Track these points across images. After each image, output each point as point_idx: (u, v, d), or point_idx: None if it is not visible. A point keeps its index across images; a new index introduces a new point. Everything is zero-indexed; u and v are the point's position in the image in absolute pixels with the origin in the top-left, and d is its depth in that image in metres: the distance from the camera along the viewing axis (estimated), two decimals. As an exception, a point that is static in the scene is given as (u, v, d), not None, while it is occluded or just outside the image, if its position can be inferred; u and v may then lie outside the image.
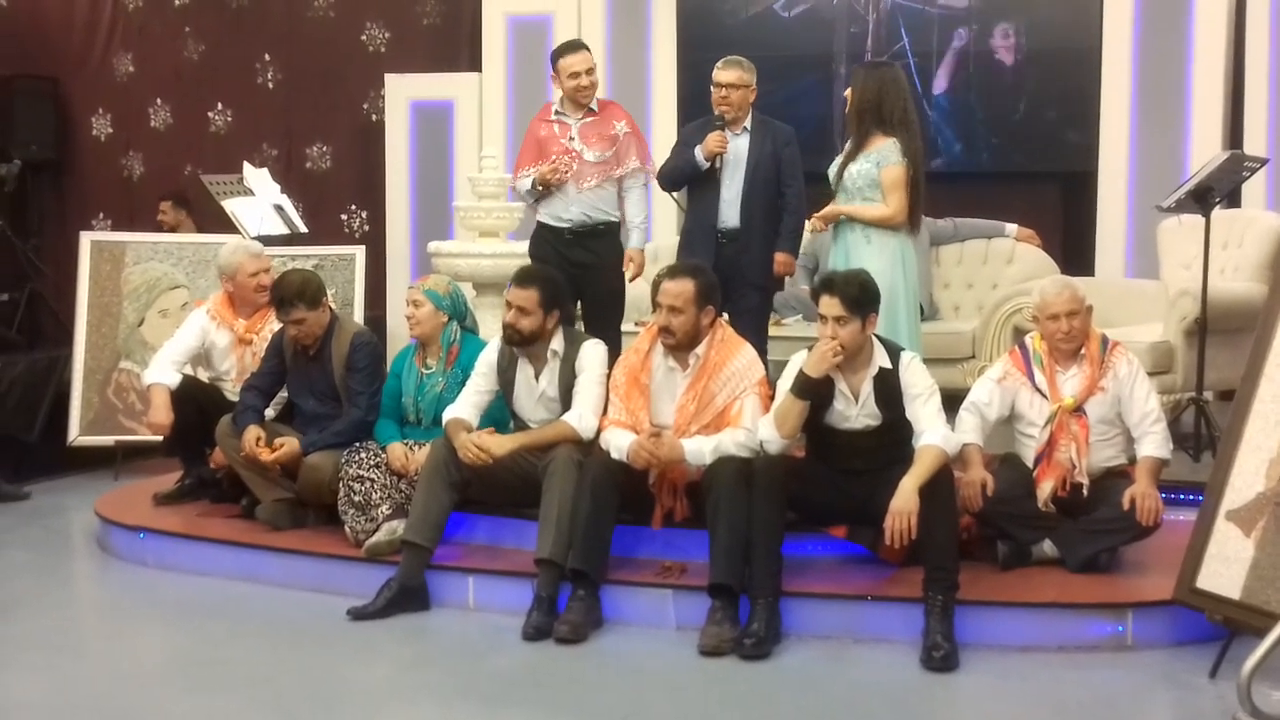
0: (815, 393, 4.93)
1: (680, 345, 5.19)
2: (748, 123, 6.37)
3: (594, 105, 6.45)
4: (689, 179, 6.42)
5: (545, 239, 6.44)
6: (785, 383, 5.04)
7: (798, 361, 5.06)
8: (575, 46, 6.54)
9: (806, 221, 6.43)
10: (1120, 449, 5.26)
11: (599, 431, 5.27)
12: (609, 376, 5.36)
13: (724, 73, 6.35)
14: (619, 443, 5.10)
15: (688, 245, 6.39)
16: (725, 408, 5.16)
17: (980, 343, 7.81)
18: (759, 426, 5.03)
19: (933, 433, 4.87)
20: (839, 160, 6.02)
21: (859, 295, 4.93)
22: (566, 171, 6.31)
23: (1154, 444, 5.13)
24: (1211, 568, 4.47)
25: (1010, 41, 8.95)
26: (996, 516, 5.14)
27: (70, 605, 5.78)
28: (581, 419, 5.29)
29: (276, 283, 6.01)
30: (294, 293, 5.83)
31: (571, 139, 6.37)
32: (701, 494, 5.03)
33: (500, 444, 5.25)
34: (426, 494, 5.26)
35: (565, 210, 6.38)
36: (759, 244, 6.29)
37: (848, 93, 6.04)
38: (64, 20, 11.33)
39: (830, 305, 4.92)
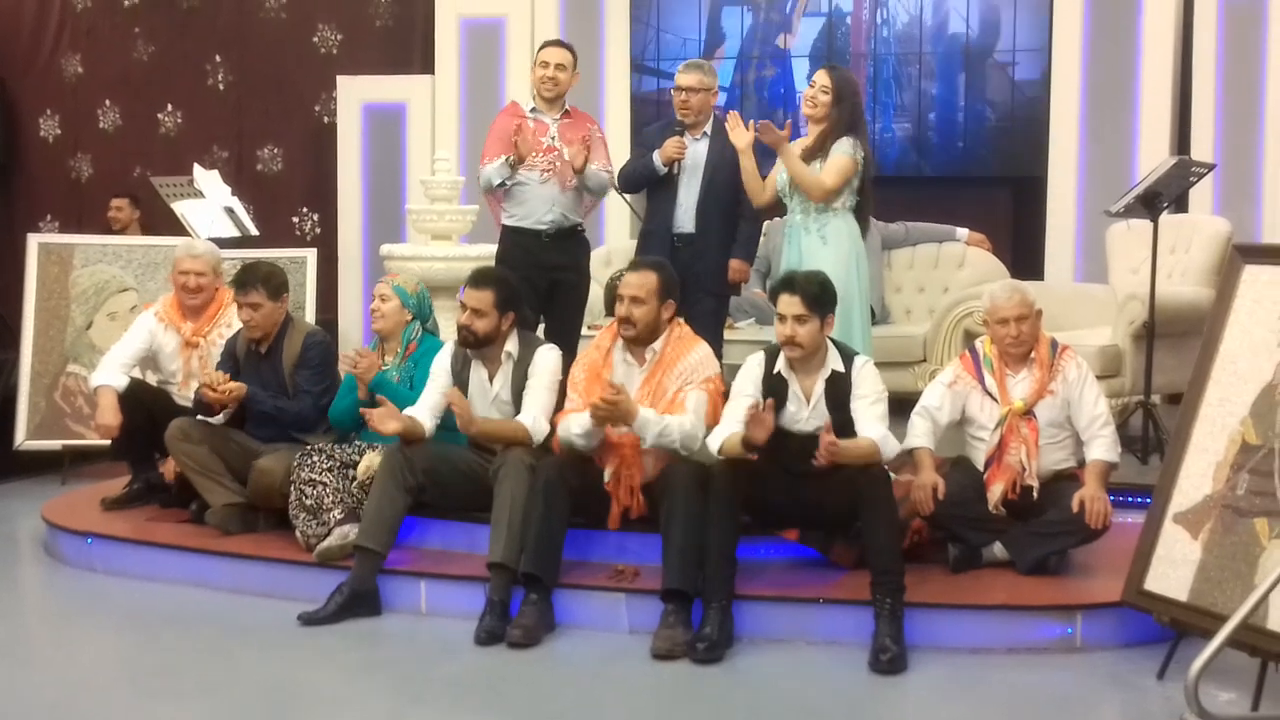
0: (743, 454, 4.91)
1: (639, 338, 5.22)
2: (708, 128, 6.40)
3: (567, 108, 6.48)
4: (647, 182, 6.44)
5: (518, 244, 6.40)
6: (741, 384, 5.08)
7: (754, 363, 5.11)
8: (557, 43, 6.61)
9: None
10: (1070, 452, 5.30)
11: (551, 433, 5.28)
12: (563, 382, 5.37)
13: (684, 76, 6.38)
14: (578, 418, 5.11)
15: (644, 249, 6.41)
16: (674, 399, 5.18)
17: (931, 346, 7.85)
18: (710, 435, 5.04)
19: (871, 430, 4.91)
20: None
21: (819, 294, 4.98)
22: (536, 149, 6.29)
23: (1103, 448, 5.17)
24: (1159, 570, 4.51)
25: (961, 46, 9.02)
26: (947, 519, 5.17)
27: (17, 612, 5.71)
28: (534, 422, 5.28)
29: (245, 266, 6.00)
30: (259, 276, 5.84)
31: (553, 138, 6.39)
32: (656, 497, 5.03)
33: (469, 413, 5.22)
34: (380, 498, 5.23)
35: (547, 212, 6.39)
36: (715, 249, 6.31)
37: (812, 92, 5.90)
38: (11, 21, 11.21)
39: (790, 304, 4.95)
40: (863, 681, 4.56)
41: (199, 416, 5.90)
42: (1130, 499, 5.83)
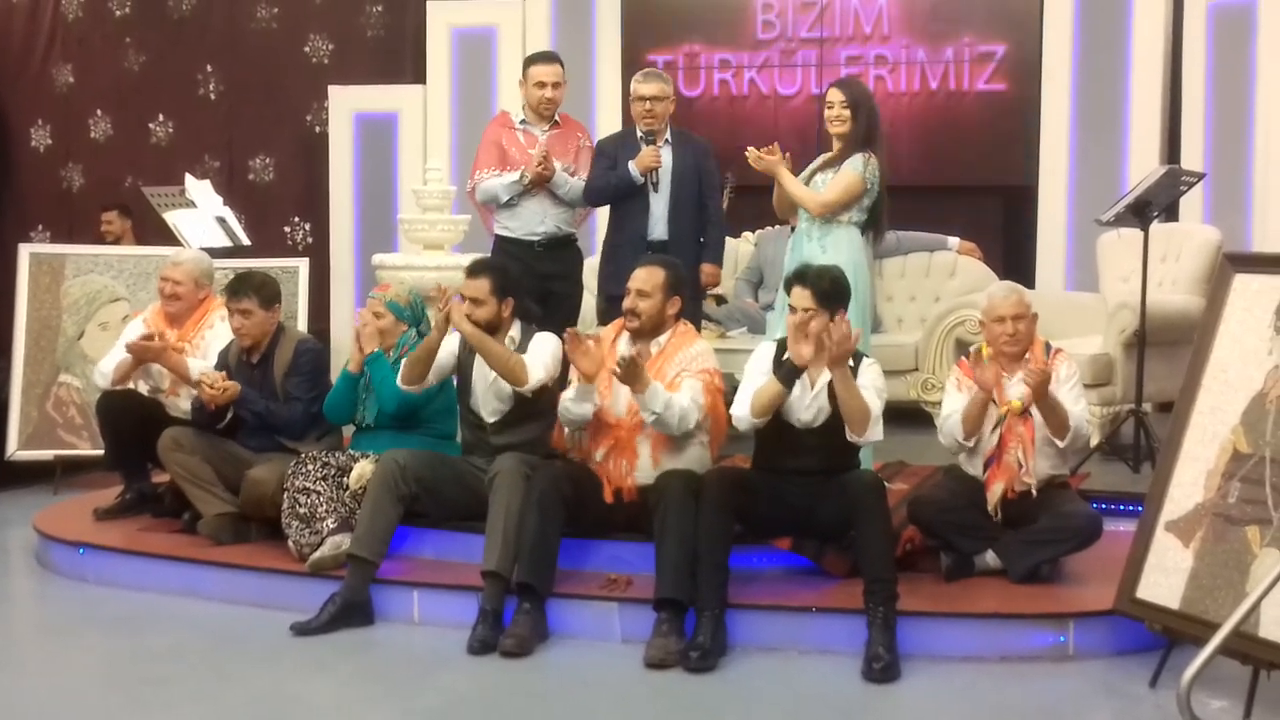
0: (796, 380, 4.98)
1: (643, 330, 5.28)
2: (668, 135, 6.43)
3: (556, 118, 6.51)
4: (624, 194, 6.42)
5: (511, 254, 6.42)
6: (754, 366, 5.14)
7: (764, 350, 5.18)
8: (548, 57, 6.61)
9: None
10: (1063, 459, 5.31)
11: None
12: (563, 373, 5.43)
13: (646, 85, 6.39)
14: (573, 388, 5.17)
15: (613, 259, 6.39)
16: (674, 384, 5.20)
17: (923, 355, 7.86)
18: (734, 407, 5.09)
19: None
20: (811, 168, 5.98)
21: (829, 290, 5.02)
22: (549, 167, 6.34)
23: (1074, 414, 5.16)
24: (1151, 578, 4.52)
25: (952, 55, 9.04)
26: (940, 526, 5.18)
27: (9, 622, 5.70)
28: (533, 369, 5.32)
29: (239, 275, 6.03)
30: (252, 285, 5.86)
31: (540, 151, 6.40)
32: (649, 507, 5.03)
33: (467, 325, 5.29)
34: (373, 507, 5.23)
35: (541, 223, 6.44)
36: (689, 256, 6.33)
37: (833, 111, 5.87)
38: (2, 31, 11.20)
39: (801, 297, 5.00)
40: (855, 690, 4.57)
41: (198, 424, 5.91)
42: (1122, 507, 5.86)
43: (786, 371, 4.95)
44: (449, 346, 5.52)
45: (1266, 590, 3.86)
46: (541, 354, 5.42)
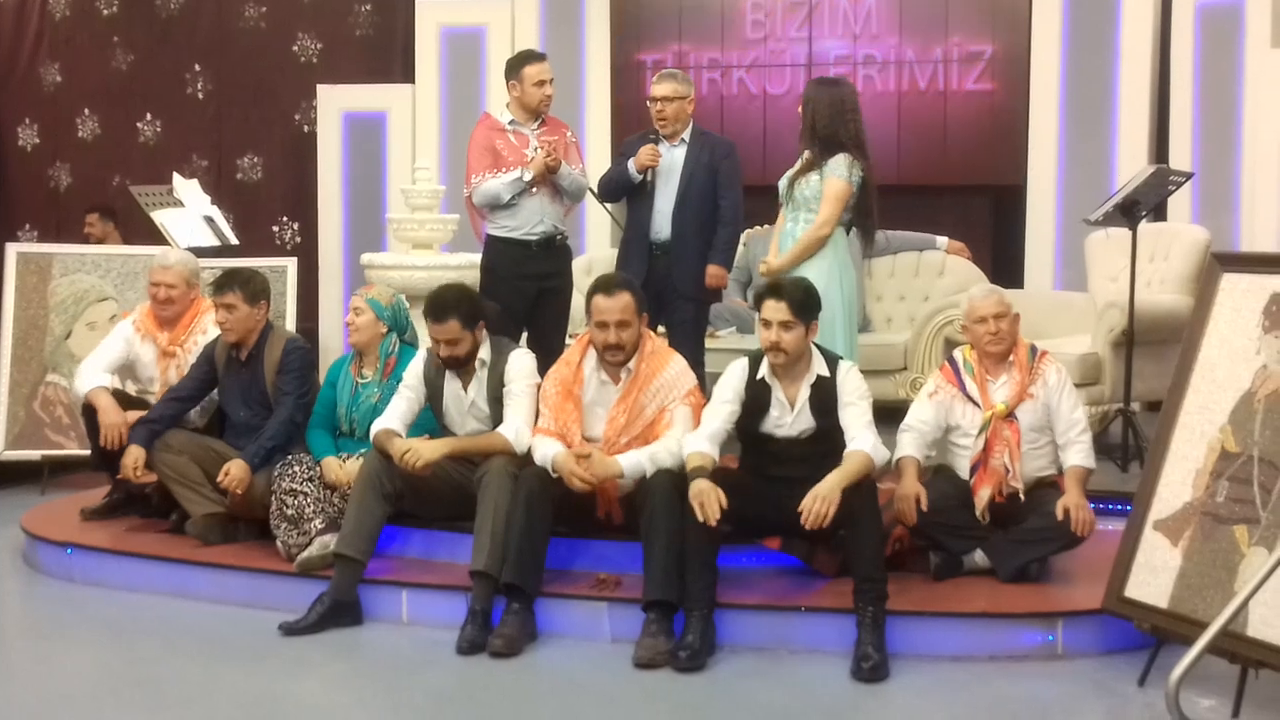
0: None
1: (628, 358, 5.21)
2: (686, 135, 6.41)
3: (541, 117, 6.51)
4: (625, 190, 6.47)
5: (505, 254, 6.41)
6: (722, 390, 5.10)
7: (737, 369, 5.13)
8: (540, 56, 6.60)
9: (743, 233, 6.47)
10: (1050, 460, 5.32)
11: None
12: (539, 386, 5.37)
13: (659, 86, 6.41)
14: (544, 451, 5.11)
15: (624, 256, 6.46)
16: (655, 418, 5.19)
17: (912, 354, 7.87)
18: (688, 437, 5.05)
19: (862, 440, 4.91)
20: (790, 173, 5.99)
21: (804, 300, 5.02)
22: (558, 159, 6.33)
23: (1080, 454, 5.19)
24: (1140, 577, 4.53)
25: (940, 55, 9.05)
26: (929, 527, 5.18)
27: (-5, 623, 5.70)
28: (517, 433, 5.27)
29: (226, 271, 6.00)
30: (238, 280, 5.83)
31: (535, 149, 6.39)
32: (637, 507, 5.03)
33: (433, 448, 5.22)
34: (359, 507, 5.22)
35: (540, 223, 6.41)
36: (691, 256, 6.32)
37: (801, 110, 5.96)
38: (-11, 30, 11.18)
39: (776, 310, 4.98)
40: (845, 690, 4.57)
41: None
42: (1110, 506, 5.86)
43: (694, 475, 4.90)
44: (413, 391, 5.45)
45: (1255, 589, 3.88)
46: (519, 405, 5.31)
